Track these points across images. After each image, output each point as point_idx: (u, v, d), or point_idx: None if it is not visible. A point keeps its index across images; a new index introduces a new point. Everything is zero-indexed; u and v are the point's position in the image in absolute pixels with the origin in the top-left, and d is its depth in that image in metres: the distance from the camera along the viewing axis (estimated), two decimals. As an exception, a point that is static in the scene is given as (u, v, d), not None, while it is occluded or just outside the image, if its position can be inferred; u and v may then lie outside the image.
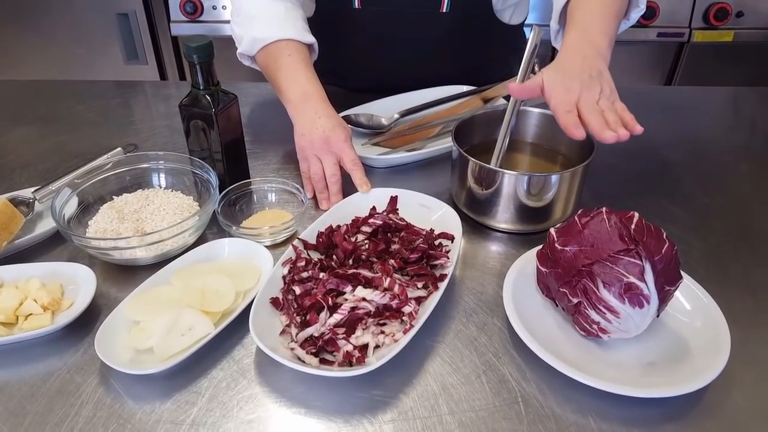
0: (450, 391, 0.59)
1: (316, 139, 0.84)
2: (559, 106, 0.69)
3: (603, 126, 0.67)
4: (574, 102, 0.69)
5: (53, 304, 0.65)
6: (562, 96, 0.70)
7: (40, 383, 0.60)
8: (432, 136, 1.00)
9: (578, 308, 0.60)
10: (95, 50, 2.06)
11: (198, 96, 0.77)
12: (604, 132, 0.66)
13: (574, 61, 0.73)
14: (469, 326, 0.67)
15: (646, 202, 0.87)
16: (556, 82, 0.71)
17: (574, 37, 0.77)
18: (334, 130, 0.84)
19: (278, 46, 0.90)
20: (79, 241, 0.70)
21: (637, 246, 0.57)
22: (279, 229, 0.77)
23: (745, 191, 0.91)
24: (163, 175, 0.85)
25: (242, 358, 0.62)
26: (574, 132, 0.67)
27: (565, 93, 0.70)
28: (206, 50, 0.75)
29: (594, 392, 0.57)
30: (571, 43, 0.76)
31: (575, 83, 0.70)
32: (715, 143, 1.04)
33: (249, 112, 1.12)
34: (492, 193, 0.77)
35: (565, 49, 0.76)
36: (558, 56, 0.76)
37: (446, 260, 0.70)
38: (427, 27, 1.07)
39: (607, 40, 0.77)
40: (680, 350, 0.61)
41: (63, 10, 1.98)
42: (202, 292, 0.64)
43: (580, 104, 0.69)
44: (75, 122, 1.09)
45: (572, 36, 0.78)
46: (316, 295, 0.63)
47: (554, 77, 0.71)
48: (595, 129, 0.67)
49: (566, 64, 0.73)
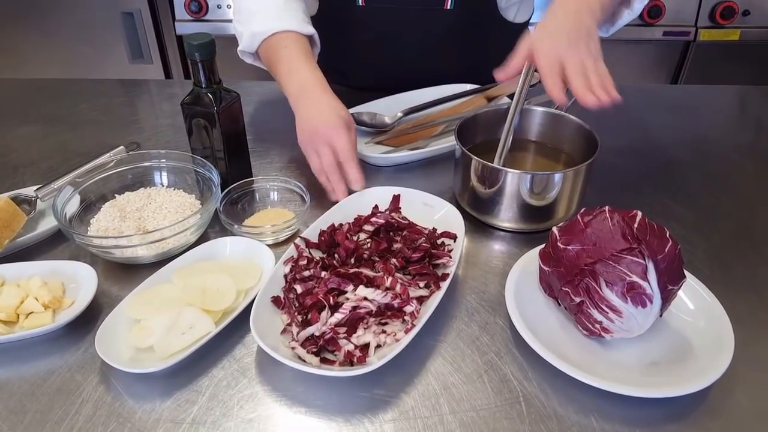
0: (451, 391, 0.59)
1: (309, 131, 0.82)
2: (545, 69, 0.71)
3: (586, 89, 0.69)
4: (558, 60, 0.71)
5: (54, 303, 0.65)
6: (548, 51, 0.71)
7: (40, 381, 0.60)
8: (435, 134, 1.00)
9: (581, 307, 0.60)
10: (100, 49, 2.07)
11: (200, 94, 0.77)
12: (587, 95, 0.68)
13: (566, 17, 0.73)
14: (471, 325, 0.66)
15: (651, 201, 0.86)
16: (544, 39, 0.72)
17: None
18: (325, 119, 0.81)
19: (278, 38, 0.89)
20: (81, 240, 0.70)
21: (639, 245, 0.56)
22: (281, 227, 0.76)
23: (751, 191, 0.90)
24: (165, 174, 0.85)
25: (243, 357, 0.62)
26: (556, 96, 0.70)
27: (551, 50, 0.71)
28: (208, 48, 0.75)
29: (596, 392, 0.56)
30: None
31: (562, 42, 0.71)
32: (721, 142, 1.03)
33: (252, 111, 1.12)
34: (495, 192, 0.77)
35: (556, 3, 0.76)
36: (550, 8, 0.76)
37: (448, 259, 0.69)
38: (431, 24, 1.06)
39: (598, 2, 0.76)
40: (683, 350, 0.60)
41: (68, 10, 1.98)
42: (203, 291, 0.64)
43: (566, 64, 0.70)
44: (78, 121, 1.09)
45: None
46: (318, 294, 0.63)
47: (541, 33, 0.73)
48: (579, 91, 0.69)
49: (557, 18, 0.73)
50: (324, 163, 0.81)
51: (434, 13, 1.04)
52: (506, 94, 1.04)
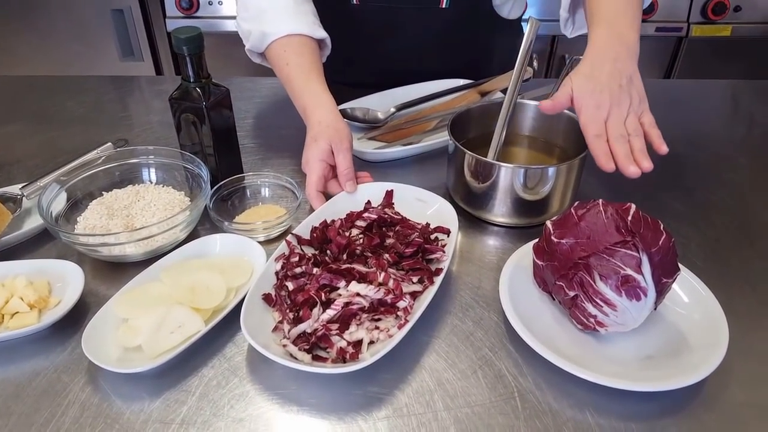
0: (446, 387, 0.58)
1: (303, 158, 0.81)
2: (588, 126, 0.70)
3: (629, 158, 0.68)
4: (603, 121, 0.69)
5: (40, 302, 0.64)
6: (592, 113, 0.70)
7: (25, 383, 0.58)
8: (428, 130, 0.99)
9: (575, 301, 0.59)
10: (91, 47, 2.05)
11: (188, 89, 0.76)
12: (629, 167, 0.67)
13: (604, 64, 0.71)
14: (465, 321, 0.65)
15: (645, 195, 0.85)
16: (586, 95, 0.70)
17: (601, 34, 0.74)
18: (309, 147, 0.80)
19: (287, 42, 0.87)
20: (67, 238, 0.69)
21: (633, 238, 0.56)
22: (273, 224, 0.75)
23: (744, 184, 0.90)
24: (153, 170, 0.83)
25: (234, 356, 0.61)
26: (604, 165, 0.68)
27: (595, 110, 0.70)
28: (196, 41, 0.73)
29: (591, 387, 0.56)
30: (599, 42, 0.74)
31: (605, 97, 0.70)
32: (714, 136, 1.03)
33: (244, 108, 1.10)
34: (488, 187, 0.76)
35: (593, 50, 0.73)
36: (586, 56, 0.73)
37: (442, 254, 0.69)
38: (426, 22, 1.06)
39: (636, 33, 0.74)
40: (678, 343, 0.60)
41: (59, 7, 1.96)
42: (192, 289, 0.63)
43: (609, 126, 0.69)
44: (66, 118, 1.07)
45: (599, 33, 0.74)
46: (309, 291, 0.62)
47: (583, 87, 0.71)
48: (621, 162, 0.68)
49: (596, 69, 0.71)
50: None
51: (429, 11, 1.04)
52: (500, 89, 1.04)
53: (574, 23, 0.95)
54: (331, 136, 0.79)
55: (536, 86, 1.04)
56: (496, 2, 1.06)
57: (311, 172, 0.79)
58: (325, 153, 0.79)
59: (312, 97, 0.83)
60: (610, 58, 0.71)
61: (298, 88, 0.85)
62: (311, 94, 0.84)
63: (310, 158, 0.79)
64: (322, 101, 0.83)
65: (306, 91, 0.84)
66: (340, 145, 0.79)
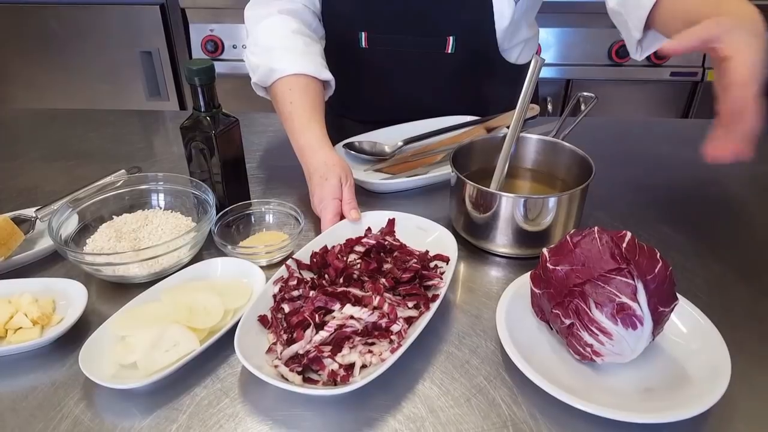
0: (438, 414, 0.57)
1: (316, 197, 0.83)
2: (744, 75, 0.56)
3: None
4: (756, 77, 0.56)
5: (43, 319, 0.65)
6: (750, 58, 0.55)
7: (22, 397, 0.59)
8: (434, 162, 1.00)
9: (571, 330, 0.58)
10: (119, 86, 2.13)
11: (199, 118, 0.79)
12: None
13: (745, 6, 0.59)
14: (461, 349, 0.65)
15: (650, 229, 0.85)
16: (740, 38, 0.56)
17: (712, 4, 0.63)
18: (320, 186, 0.82)
19: (295, 81, 0.90)
20: (74, 257, 0.70)
21: (629, 265, 0.55)
22: (275, 248, 0.76)
23: (753, 220, 0.88)
24: (162, 196, 0.86)
25: (227, 377, 0.61)
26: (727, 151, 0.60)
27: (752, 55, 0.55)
28: (208, 73, 0.76)
29: (587, 418, 0.54)
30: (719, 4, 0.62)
31: (756, 42, 0.56)
32: (722, 171, 1.02)
33: (257, 141, 1.13)
34: (490, 217, 0.76)
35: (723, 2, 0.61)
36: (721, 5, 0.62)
37: (439, 281, 0.68)
38: (432, 66, 1.08)
39: None
40: (679, 375, 0.58)
41: (93, 47, 2.06)
42: (189, 309, 0.64)
43: None
44: (86, 148, 1.11)
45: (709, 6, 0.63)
46: (304, 313, 0.62)
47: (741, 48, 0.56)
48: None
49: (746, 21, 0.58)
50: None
51: (435, 55, 1.06)
52: (505, 125, 1.05)
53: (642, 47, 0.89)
54: (339, 173, 0.82)
55: (542, 123, 1.05)
56: (503, 47, 1.07)
57: (327, 210, 0.80)
58: (337, 190, 0.81)
59: (314, 139, 0.86)
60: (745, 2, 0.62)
61: (299, 127, 0.88)
62: (313, 135, 0.87)
63: (325, 197, 0.81)
64: (324, 143, 0.86)
65: (308, 132, 0.87)
66: (346, 180, 0.82)
